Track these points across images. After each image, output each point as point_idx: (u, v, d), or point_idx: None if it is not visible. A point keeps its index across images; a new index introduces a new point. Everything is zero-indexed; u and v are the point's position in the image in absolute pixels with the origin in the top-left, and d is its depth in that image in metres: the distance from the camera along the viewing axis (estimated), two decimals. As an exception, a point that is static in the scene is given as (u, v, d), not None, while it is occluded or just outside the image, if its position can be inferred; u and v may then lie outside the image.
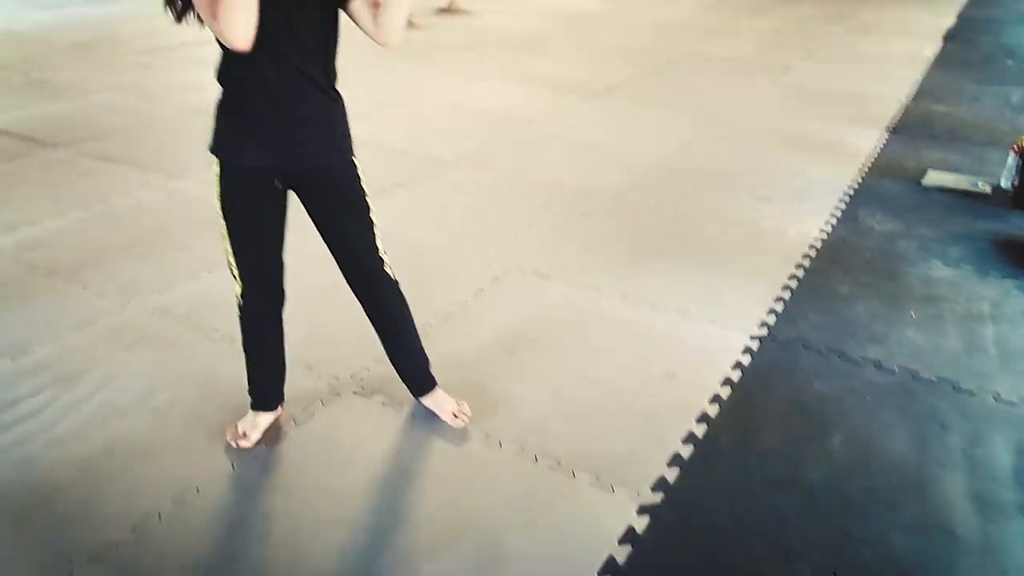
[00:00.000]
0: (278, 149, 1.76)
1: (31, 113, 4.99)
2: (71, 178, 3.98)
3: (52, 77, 5.87)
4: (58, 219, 3.48)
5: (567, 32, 7.92)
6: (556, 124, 4.99)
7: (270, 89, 1.70)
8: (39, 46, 6.89)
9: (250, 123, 1.74)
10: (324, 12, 1.71)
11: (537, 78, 6.09)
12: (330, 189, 1.86)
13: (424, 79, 6.03)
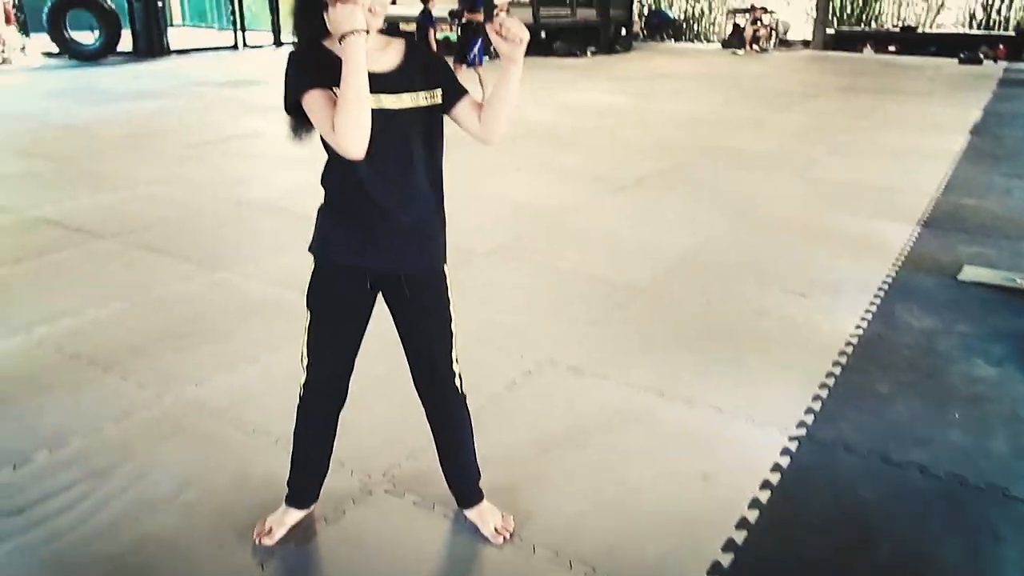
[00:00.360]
0: (376, 255, 1.81)
1: (81, 204, 5.19)
2: (115, 268, 4.09)
3: (102, 169, 6.13)
4: (100, 309, 3.56)
5: (596, 126, 8.13)
6: (587, 216, 5.06)
7: (372, 199, 1.76)
8: (92, 140, 7.22)
9: (350, 229, 1.80)
10: (430, 120, 1.78)
11: (568, 171, 6.22)
12: (418, 295, 1.89)
13: (456, 171, 6.17)
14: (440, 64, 1.82)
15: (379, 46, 1.76)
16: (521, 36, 1.68)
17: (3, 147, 6.81)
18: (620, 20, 16.63)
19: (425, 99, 1.77)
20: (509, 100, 1.77)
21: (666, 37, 19.62)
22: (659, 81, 11.83)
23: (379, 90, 1.69)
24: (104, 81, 11.09)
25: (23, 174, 5.94)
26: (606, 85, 11.35)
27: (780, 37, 18.09)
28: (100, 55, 13.36)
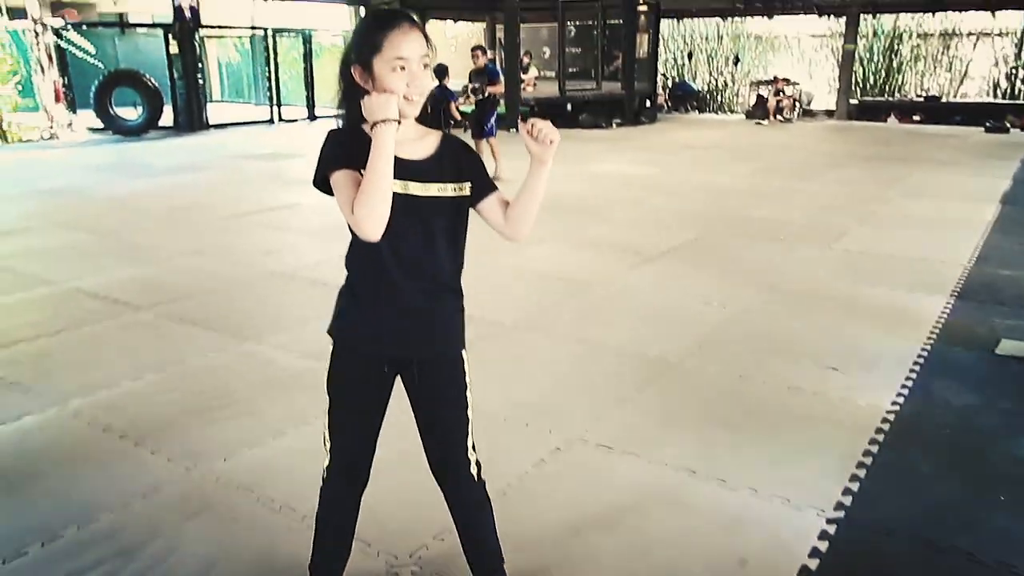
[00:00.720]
0: (391, 339, 1.83)
1: (121, 276, 5.31)
2: (149, 339, 4.15)
3: (140, 241, 6.29)
4: (134, 381, 3.60)
5: (622, 197, 8.20)
6: (615, 288, 5.06)
7: (391, 283, 1.78)
8: (132, 212, 7.44)
9: (368, 312, 1.82)
10: (455, 210, 1.82)
11: (595, 241, 6.26)
12: (433, 380, 1.90)
13: (481, 242, 6.23)
14: (473, 159, 1.86)
15: (415, 135, 1.80)
16: (552, 138, 1.72)
17: (48, 220, 7.04)
18: (645, 92, 16.96)
19: (453, 190, 1.81)
20: (536, 199, 1.80)
21: (690, 108, 19.93)
22: (685, 151, 11.97)
23: (408, 177, 1.74)
24: (145, 155, 11.49)
25: (65, 246, 6.12)
26: (632, 156, 11.50)
27: (803, 107, 18.30)
28: (142, 130, 13.89)
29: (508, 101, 14.65)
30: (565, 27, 15.98)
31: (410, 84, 1.71)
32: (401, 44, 1.69)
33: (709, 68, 21.52)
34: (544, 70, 19.65)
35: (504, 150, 11.54)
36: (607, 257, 5.81)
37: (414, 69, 1.70)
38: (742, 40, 21.44)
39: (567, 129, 14.90)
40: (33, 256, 5.81)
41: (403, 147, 1.74)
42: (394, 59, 1.68)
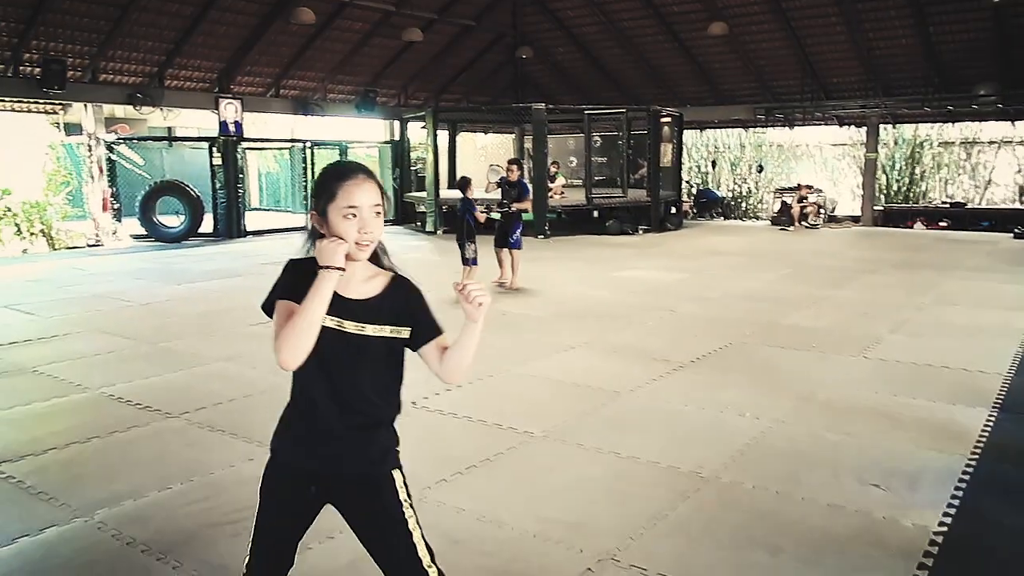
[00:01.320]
0: (314, 454, 1.94)
1: (153, 382, 5.37)
2: (178, 448, 4.15)
3: (174, 347, 6.39)
4: (160, 491, 3.58)
5: (650, 303, 8.20)
6: (644, 397, 4.99)
7: (320, 409, 1.92)
8: (168, 318, 7.60)
9: (297, 425, 1.96)
10: (389, 349, 1.94)
11: (624, 349, 6.22)
12: (363, 502, 1.96)
13: (508, 350, 6.25)
14: (418, 305, 1.98)
15: (364, 276, 1.94)
16: (481, 301, 1.87)
17: (87, 325, 7.20)
18: (670, 199, 17.25)
19: (389, 332, 1.94)
20: (469, 353, 1.94)
21: (715, 215, 20.19)
22: (711, 258, 12.03)
23: (345, 315, 1.88)
24: (184, 262, 11.84)
25: (101, 351, 6.23)
26: (658, 262, 11.58)
27: (828, 213, 18.45)
28: (183, 237, 14.37)
29: (536, 209, 14.97)
30: (591, 137, 16.48)
31: (361, 230, 1.86)
32: (353, 193, 1.85)
33: (732, 176, 21.93)
34: (571, 178, 20.17)
35: (529, 255, 11.70)
36: (637, 365, 5.76)
37: (365, 216, 1.85)
38: (764, 149, 21.92)
39: (593, 236, 15.12)
40: (71, 361, 5.91)
41: (348, 286, 1.90)
42: (346, 207, 1.84)
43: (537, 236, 14.59)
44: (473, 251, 8.62)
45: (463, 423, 4.51)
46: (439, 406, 4.79)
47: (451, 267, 9.35)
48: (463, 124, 20.16)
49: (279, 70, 15.98)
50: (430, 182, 16.05)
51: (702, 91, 18.51)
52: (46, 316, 7.63)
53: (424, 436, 4.30)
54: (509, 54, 19.39)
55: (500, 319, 7.46)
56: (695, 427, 4.44)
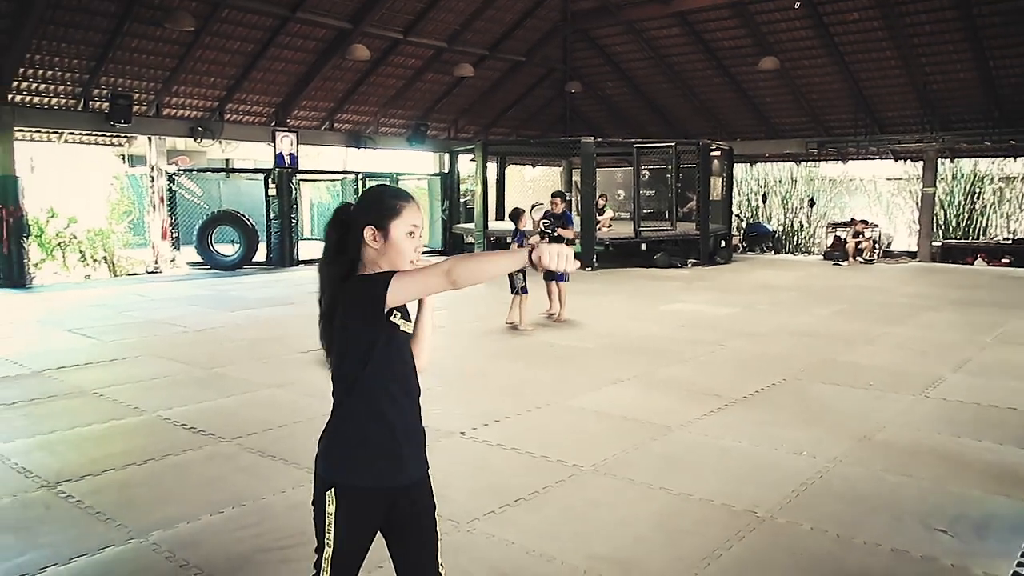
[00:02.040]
0: (401, 468, 2.00)
1: (206, 406, 5.47)
2: (230, 472, 4.20)
3: (228, 372, 6.51)
4: (213, 515, 3.62)
5: (699, 338, 8.08)
6: (696, 432, 4.90)
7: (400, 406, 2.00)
8: (222, 344, 7.76)
9: (375, 440, 1.99)
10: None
11: (674, 383, 6.13)
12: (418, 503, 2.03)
13: (556, 382, 6.21)
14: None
15: None
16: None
17: (145, 350, 7.39)
18: (720, 233, 17.10)
19: (409, 327, 2.10)
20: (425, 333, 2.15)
21: (765, 249, 19.89)
22: (762, 292, 11.83)
23: (406, 317, 2.05)
24: (238, 289, 12.12)
25: (157, 376, 6.38)
26: (709, 296, 11.44)
27: (884, 248, 18.02)
28: (238, 265, 14.73)
29: (584, 241, 14.97)
30: (640, 170, 16.48)
31: (416, 248, 2.03)
32: (416, 214, 2.02)
33: (784, 209, 21.63)
34: (619, 211, 20.15)
35: (577, 287, 11.68)
36: (688, 400, 5.66)
37: (418, 236, 2.03)
38: (816, 183, 21.59)
39: (641, 269, 15.03)
40: (129, 384, 6.07)
41: None
42: (412, 225, 2.00)
43: (585, 268, 14.56)
44: (523, 279, 8.61)
45: (511, 455, 4.48)
46: (487, 437, 4.77)
47: (496, 298, 9.37)
48: (512, 157, 20.36)
49: (333, 104, 16.41)
50: (479, 214, 16.21)
51: (753, 125, 18.39)
52: (106, 340, 7.86)
53: (472, 467, 4.28)
54: (558, 88, 19.59)
55: (548, 351, 7.43)
56: (749, 464, 4.33)
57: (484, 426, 4.97)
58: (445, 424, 4.95)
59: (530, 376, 6.45)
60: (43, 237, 14.80)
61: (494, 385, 6.05)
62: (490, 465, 4.35)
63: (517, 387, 6.06)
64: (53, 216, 15.08)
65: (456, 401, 5.51)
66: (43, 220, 14.86)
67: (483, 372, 6.67)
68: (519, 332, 8.30)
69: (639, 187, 16.36)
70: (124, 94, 13.17)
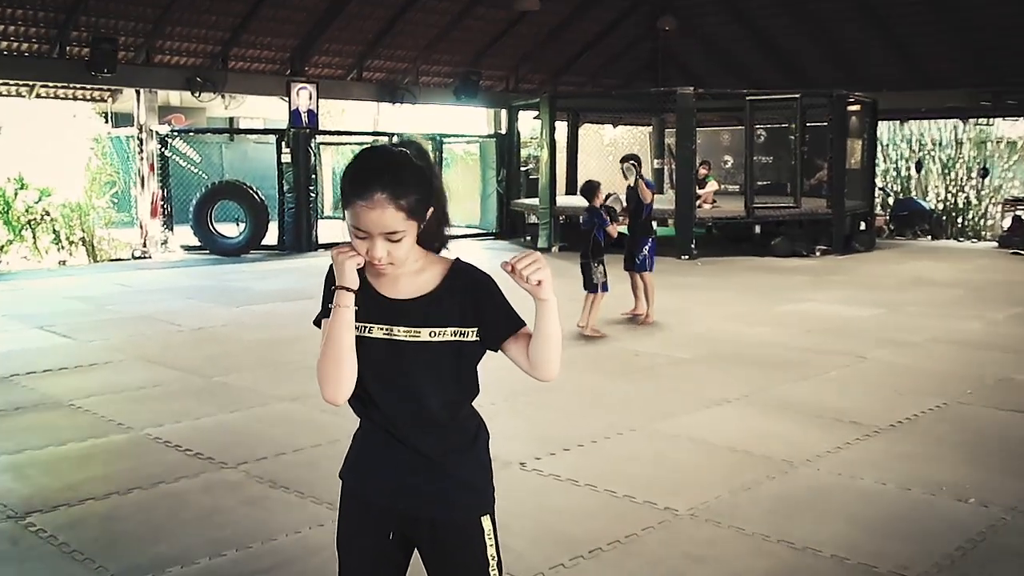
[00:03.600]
0: (393, 489, 2.04)
1: (205, 424, 5.62)
2: (234, 505, 4.30)
3: (231, 382, 6.67)
4: (213, 558, 3.71)
5: (830, 347, 7.93)
6: (827, 470, 4.81)
7: (389, 433, 2.03)
8: (224, 346, 7.96)
9: (365, 456, 2.09)
10: (455, 359, 2.00)
11: (796, 406, 6.03)
12: (447, 549, 2.05)
13: (642, 401, 6.18)
14: (485, 297, 1.99)
15: (415, 267, 2.01)
16: (539, 278, 1.87)
17: (130, 352, 7.64)
18: (858, 211, 16.73)
19: (452, 335, 1.99)
20: (551, 342, 1.96)
21: (920, 233, 19.39)
22: (914, 289, 11.54)
23: (395, 320, 1.97)
24: (244, 279, 12.42)
25: (146, 385, 6.58)
26: (843, 293, 11.21)
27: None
28: (243, 250, 15.09)
29: (680, 223, 14.85)
30: (754, 130, 16.23)
31: (369, 253, 1.91)
32: (361, 217, 1.88)
33: (945, 182, 21.03)
34: (726, 183, 19.91)
35: (670, 280, 11.57)
36: (813, 428, 5.57)
37: (377, 243, 1.90)
38: (990, 146, 20.91)
39: (755, 258, 14.81)
40: (112, 395, 6.28)
41: (396, 283, 1.99)
42: (353, 227, 1.91)
43: (681, 257, 14.46)
44: (602, 274, 8.54)
45: (585, 493, 4.47)
46: (554, 469, 4.77)
47: (568, 295, 9.37)
48: (587, 114, 20.33)
49: (362, 48, 16.63)
50: (544, 186, 16.20)
51: (902, 72, 17.91)
52: (84, 340, 8.14)
53: (535, 508, 4.29)
54: (647, 27, 19.43)
55: (632, 361, 7.41)
56: (897, 513, 4.24)
57: (550, 455, 4.97)
58: (501, 452, 4.97)
59: (609, 393, 6.42)
60: (10, 213, 15.38)
61: (563, 403, 6.04)
62: (558, 506, 4.34)
63: (593, 407, 6.04)
64: (22, 188, 15.65)
65: (515, 423, 5.52)
66: (10, 192, 15.44)
67: (550, 386, 6.64)
68: (589, 338, 8.26)
69: (752, 152, 16.12)
70: (107, 37, 13.60)
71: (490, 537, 2.05)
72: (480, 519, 2.06)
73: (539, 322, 1.95)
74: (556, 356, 1.98)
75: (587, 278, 8.57)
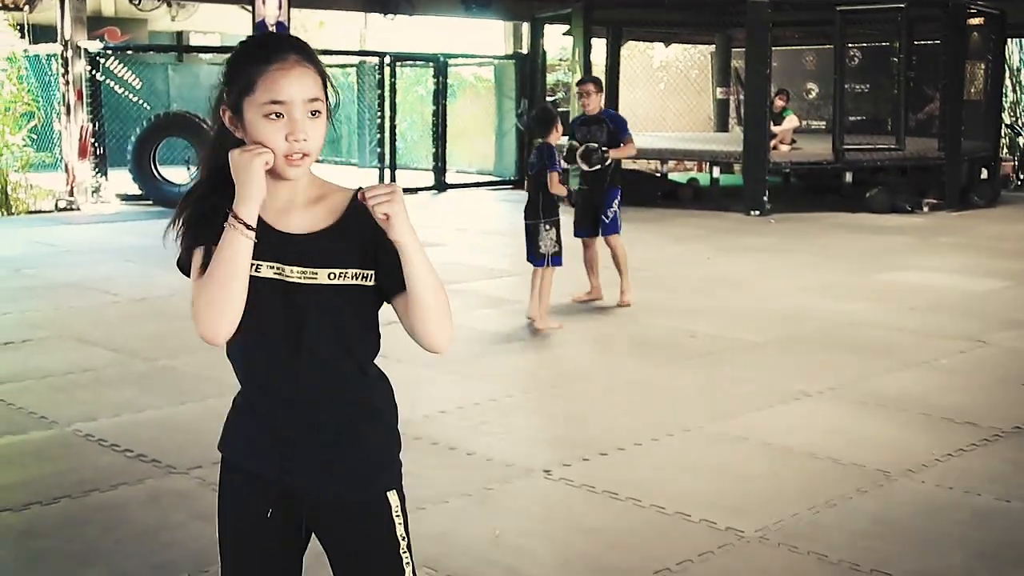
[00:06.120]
0: (277, 460, 2.12)
1: (149, 417, 5.66)
2: (186, 520, 4.33)
3: (181, 366, 6.71)
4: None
5: (941, 328, 7.93)
6: (935, 483, 4.83)
7: (272, 394, 2.11)
8: (172, 322, 7.97)
9: (247, 422, 2.18)
10: (354, 300, 2.07)
11: (894, 401, 6.04)
12: (349, 531, 2.16)
13: (698, 394, 6.20)
14: (386, 240, 1.99)
15: (309, 195, 2.09)
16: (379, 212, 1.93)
17: (55, 329, 7.70)
18: (979, 156, 16.59)
19: (353, 277, 2.05)
20: (419, 299, 2.00)
21: (1058, 183, 19.28)
22: (1049, 255, 11.47)
23: (286, 258, 2.03)
24: (196, 237, 12.43)
25: (75, 369, 6.63)
26: (956, 260, 11.16)
27: None
28: (194, 200, 15.11)
29: (749, 169, 14.77)
30: (845, 51, 16.07)
31: (290, 135, 1.98)
32: (278, 83, 1.97)
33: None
34: (808, 118, 19.76)
35: (734, 243, 11.52)
36: (921, 429, 5.59)
37: (297, 116, 1.98)
38: None
39: (846, 213, 14.71)
40: (32, 382, 6.33)
41: (289, 214, 2.06)
42: (268, 103, 1.97)
43: (749, 212, 14.40)
44: (554, 242, 7.74)
45: (625, 509, 4.48)
46: (585, 478, 4.79)
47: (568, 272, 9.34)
48: (632, 28, 20.19)
49: (347, -58, 16.56)
50: (576, 121, 16.16)
51: (1040, -27, 17.68)
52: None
53: (563, 526, 4.31)
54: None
55: (686, 344, 7.40)
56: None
57: (583, 461, 4.99)
58: (520, 456, 4.99)
59: (657, 384, 6.43)
60: (-96, 154, 15.47)
61: (598, 396, 6.05)
62: (591, 524, 4.36)
63: (636, 401, 6.06)
64: (-81, 121, 15.75)
65: (538, 420, 5.54)
66: (-96, 128, 15.51)
67: (583, 374, 6.68)
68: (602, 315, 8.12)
69: (844, 79, 15.98)
70: (24, -73, 13.59)
71: (398, 515, 2.15)
72: (386, 494, 2.15)
73: (405, 271, 1.99)
74: (434, 320, 2.01)
75: (531, 246, 7.84)
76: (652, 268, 10.02)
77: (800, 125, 18.01)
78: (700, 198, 16.63)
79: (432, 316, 2.00)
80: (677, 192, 16.77)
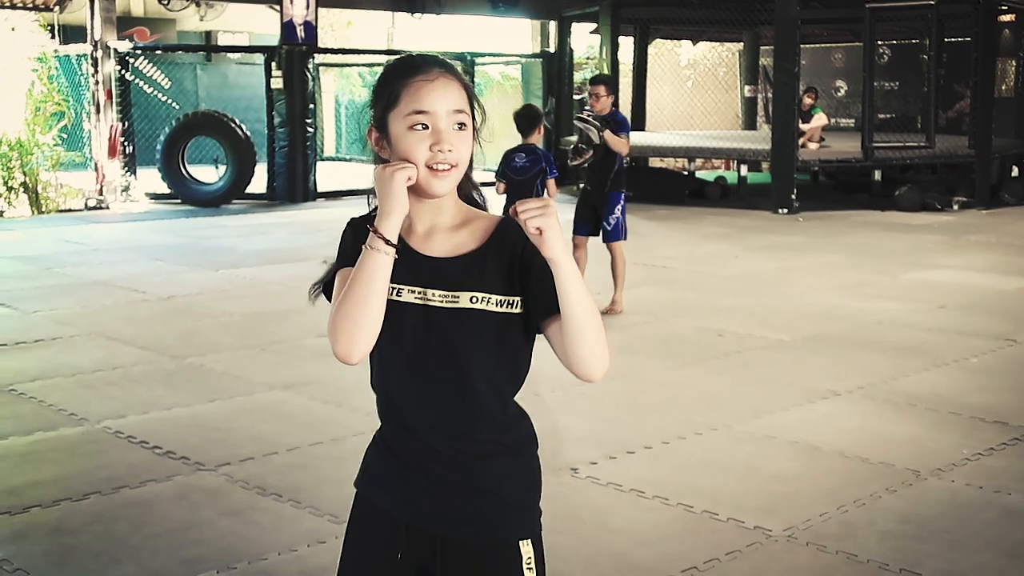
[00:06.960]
0: (407, 497, 2.07)
1: (177, 415, 5.70)
2: (214, 517, 4.36)
3: (209, 364, 6.75)
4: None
5: (972, 327, 7.87)
6: (965, 483, 4.79)
7: (403, 414, 2.08)
8: (200, 320, 8.04)
9: (382, 459, 2.14)
10: (501, 335, 2.01)
11: (924, 401, 6.00)
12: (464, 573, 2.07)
13: (727, 393, 6.18)
14: (536, 262, 1.93)
15: (453, 220, 2.04)
16: (532, 226, 1.84)
17: (85, 327, 7.75)
18: (1010, 154, 16.45)
19: (498, 304, 1.99)
20: (573, 321, 1.91)
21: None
22: (1082, 254, 11.37)
23: (429, 282, 1.99)
24: (225, 236, 12.52)
25: (105, 366, 6.68)
26: (986, 259, 11.07)
27: None
28: (223, 199, 15.20)
29: (777, 167, 14.71)
30: (874, 48, 15.98)
31: (435, 146, 1.94)
32: (422, 94, 1.95)
33: None
34: (837, 116, 19.66)
35: (762, 241, 11.46)
36: (948, 429, 5.55)
37: (441, 127, 1.95)
38: None
39: (874, 212, 14.63)
40: (62, 379, 6.38)
41: (431, 238, 2.03)
42: (412, 113, 1.95)
43: (778, 210, 14.33)
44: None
45: (655, 507, 4.48)
46: (615, 477, 4.79)
47: (594, 275, 9.31)
48: (660, 27, 20.15)
49: (374, -58, 16.59)
50: (603, 119, 16.13)
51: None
52: (27, 311, 8.28)
53: (591, 525, 4.31)
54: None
55: (714, 343, 7.38)
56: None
57: (610, 460, 4.99)
58: (546, 455, 4.97)
59: (685, 382, 6.42)
60: (-64, 153, 15.60)
61: (627, 395, 6.04)
62: (619, 523, 4.36)
63: (663, 399, 6.04)
64: (-50, 121, 15.87)
65: (566, 418, 5.53)
66: (-64, 127, 15.64)
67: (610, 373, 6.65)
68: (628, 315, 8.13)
69: (873, 76, 15.89)
70: (54, -70, 13.69)
71: (531, 568, 2.05)
72: (519, 543, 2.06)
73: (560, 293, 1.91)
74: (588, 346, 1.94)
75: None
76: (679, 266, 10.00)
77: (829, 123, 17.90)
78: (728, 196, 16.59)
79: (586, 340, 1.92)
80: (705, 190, 16.73)
